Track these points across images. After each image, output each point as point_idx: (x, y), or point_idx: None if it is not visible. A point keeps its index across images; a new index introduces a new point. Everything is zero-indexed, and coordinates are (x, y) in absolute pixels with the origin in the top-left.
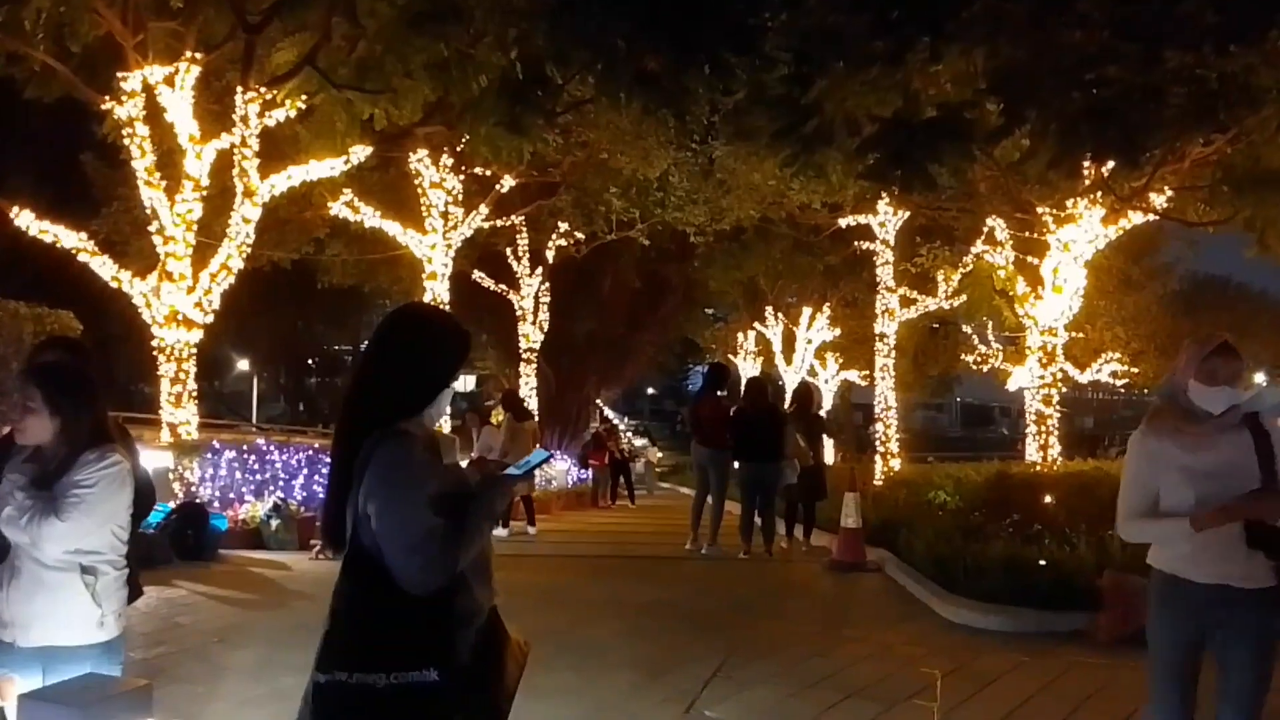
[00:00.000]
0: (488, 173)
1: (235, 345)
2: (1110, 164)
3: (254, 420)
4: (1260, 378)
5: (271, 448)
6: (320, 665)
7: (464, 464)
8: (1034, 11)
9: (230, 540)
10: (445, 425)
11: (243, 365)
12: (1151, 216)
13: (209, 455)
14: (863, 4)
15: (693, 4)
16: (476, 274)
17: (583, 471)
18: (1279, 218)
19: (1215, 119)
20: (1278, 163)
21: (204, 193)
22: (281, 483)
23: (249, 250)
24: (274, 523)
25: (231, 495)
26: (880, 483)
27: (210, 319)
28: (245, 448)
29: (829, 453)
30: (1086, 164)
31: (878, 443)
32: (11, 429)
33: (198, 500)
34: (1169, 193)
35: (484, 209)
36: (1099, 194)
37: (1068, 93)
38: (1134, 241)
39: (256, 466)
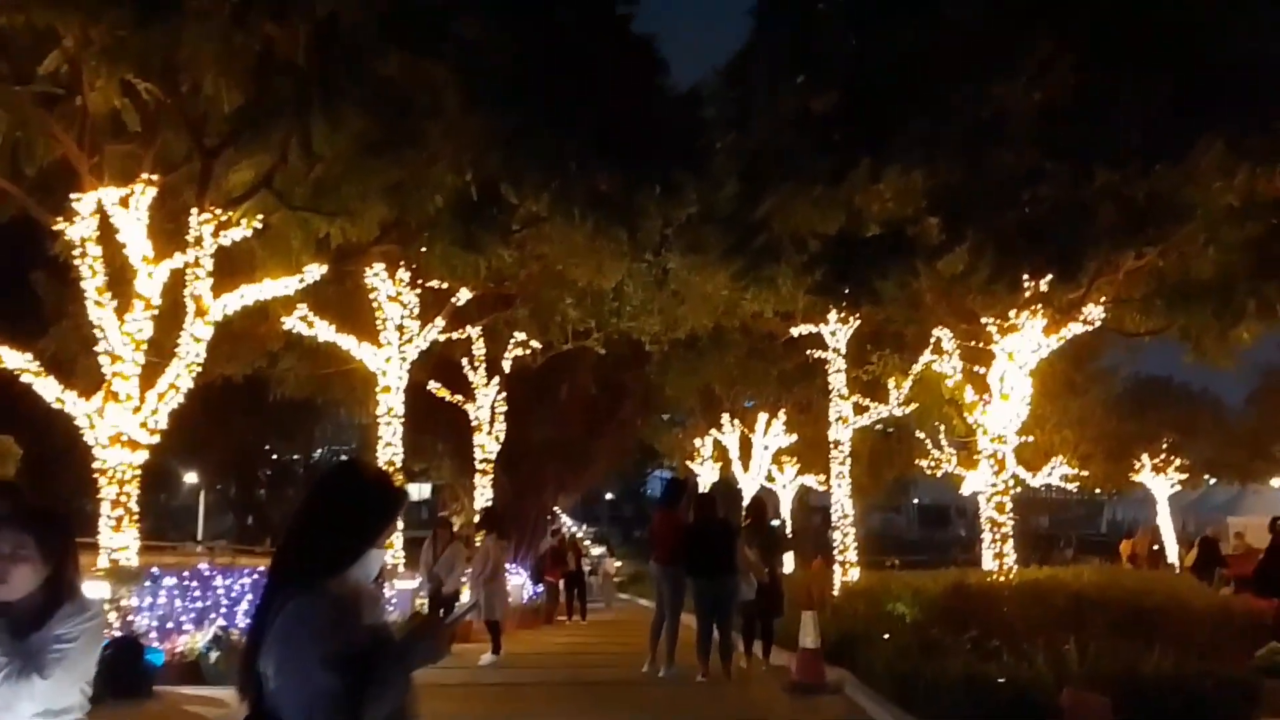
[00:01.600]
0: (444, 286)
1: (183, 459)
2: (1048, 277)
3: (199, 537)
4: (1207, 478)
5: (214, 572)
6: None
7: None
8: (967, 134)
9: (167, 674)
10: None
11: (191, 479)
12: (1089, 327)
13: (147, 583)
14: (806, 126)
15: (643, 128)
16: (432, 384)
17: (537, 587)
18: (1211, 327)
19: (1144, 234)
20: (1206, 275)
21: (155, 312)
22: (224, 610)
23: (199, 369)
24: (214, 655)
25: (170, 625)
26: (839, 594)
27: (156, 439)
28: (186, 573)
29: (789, 562)
30: (1026, 277)
31: (836, 552)
32: None
33: (133, 633)
34: (1105, 303)
35: (440, 322)
36: (1039, 305)
37: (1003, 210)
38: (1077, 348)
39: (198, 593)
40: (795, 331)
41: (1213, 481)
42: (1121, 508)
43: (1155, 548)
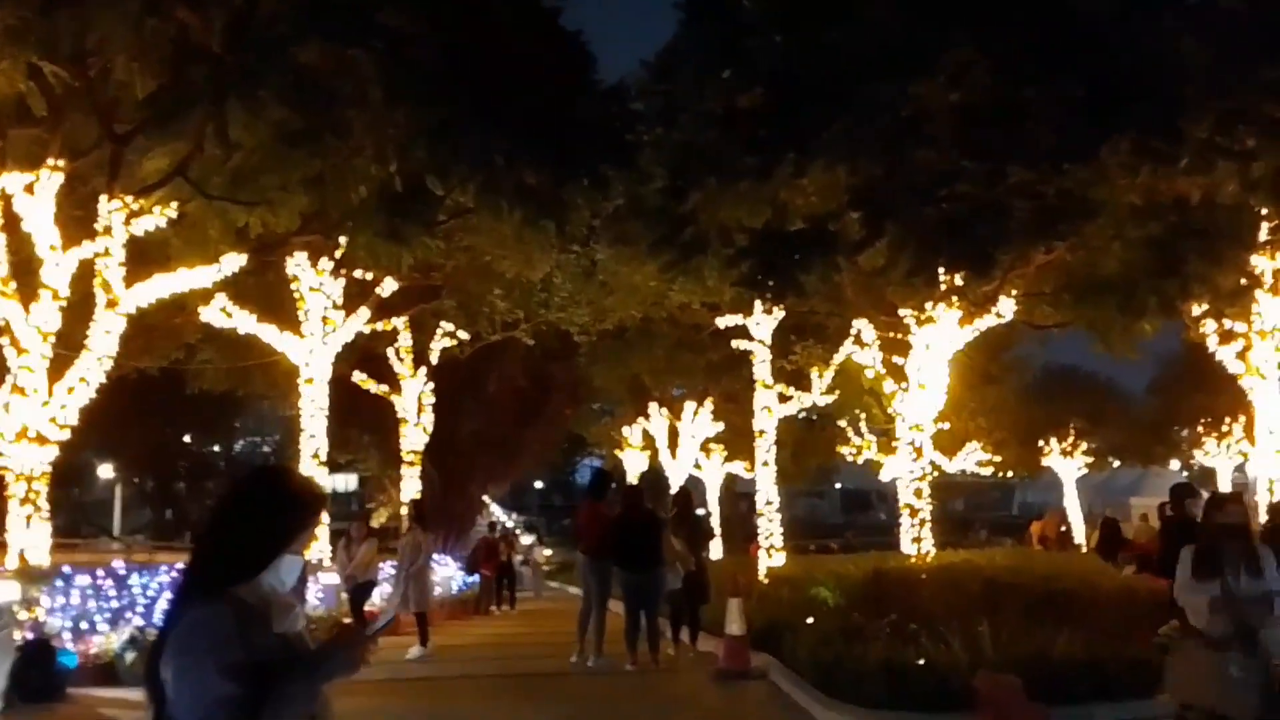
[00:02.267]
0: (369, 276)
1: (98, 453)
2: (964, 272)
3: (116, 532)
4: (1113, 461)
5: (130, 570)
6: None
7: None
8: (888, 133)
9: (81, 677)
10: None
11: (106, 472)
12: (1002, 320)
13: (59, 583)
14: (732, 122)
15: (570, 121)
16: (357, 376)
17: (469, 578)
18: (1114, 321)
19: (1055, 230)
20: (1110, 271)
21: (63, 302)
22: (141, 609)
23: (111, 362)
24: (130, 655)
25: (84, 626)
26: (764, 579)
27: (66, 435)
28: (100, 572)
29: (716, 549)
30: (942, 272)
31: (761, 538)
32: None
33: (45, 634)
34: (1017, 296)
35: (365, 312)
36: (954, 298)
37: (922, 207)
38: (991, 339)
39: (113, 592)
40: (721, 323)
41: (1117, 465)
42: (1031, 491)
43: (1063, 529)
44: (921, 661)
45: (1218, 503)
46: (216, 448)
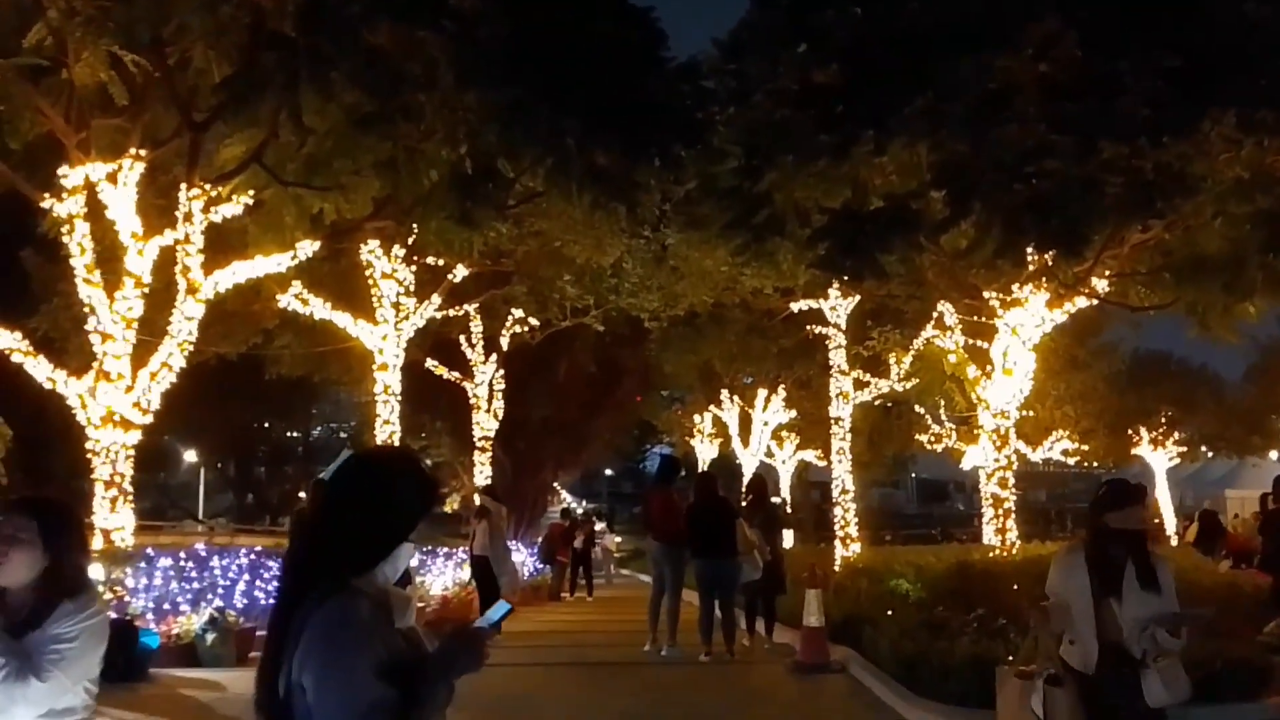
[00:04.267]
0: (440, 263)
1: (182, 438)
2: (1053, 252)
3: (200, 515)
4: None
5: (211, 552)
6: None
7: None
8: (972, 108)
9: (163, 658)
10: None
11: (190, 457)
12: (1094, 301)
13: (143, 564)
14: (808, 100)
15: (641, 101)
16: (430, 362)
17: (539, 564)
18: (1217, 301)
19: (1152, 207)
20: (1213, 248)
21: (146, 289)
22: (221, 591)
23: (192, 347)
24: (210, 636)
25: (166, 606)
26: (839, 569)
27: (149, 419)
28: (182, 554)
29: (788, 538)
30: (1030, 251)
31: (837, 527)
32: None
33: (128, 615)
34: (1110, 277)
35: (436, 299)
36: (1043, 279)
37: (1009, 185)
38: (1079, 323)
39: (194, 574)
40: (795, 307)
41: (1210, 455)
42: None
43: (1155, 521)
44: (1011, 658)
45: (1113, 498)
46: (294, 433)
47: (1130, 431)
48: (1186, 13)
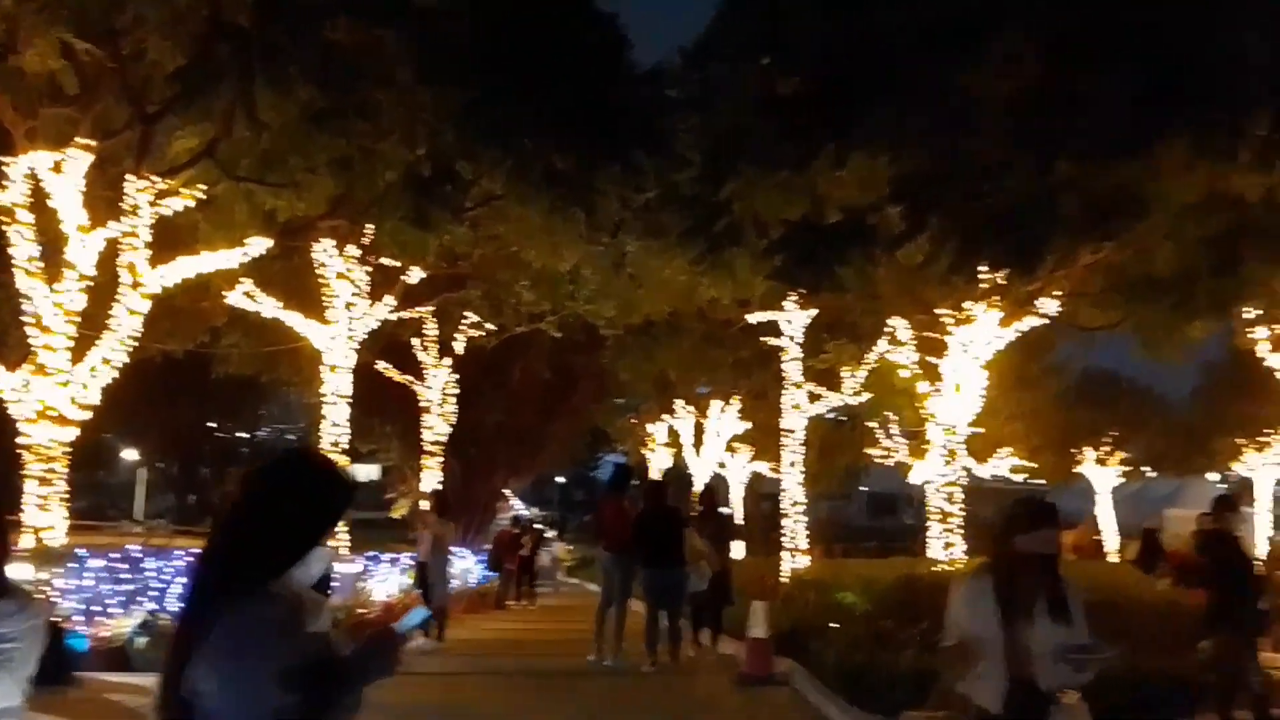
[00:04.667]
0: (395, 264)
1: (123, 436)
2: (1007, 270)
3: (140, 515)
4: (1148, 471)
5: (145, 554)
6: None
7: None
8: (934, 122)
9: (92, 661)
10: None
11: (131, 456)
12: (1045, 320)
13: (73, 564)
14: (771, 110)
15: (603, 106)
16: (381, 364)
17: (489, 571)
18: (1163, 322)
19: (1105, 227)
20: (1164, 270)
21: (88, 282)
22: (155, 594)
23: (136, 343)
24: (141, 640)
25: (97, 609)
26: (788, 580)
27: (87, 415)
28: (115, 555)
29: (738, 548)
30: (984, 269)
31: (785, 539)
32: None
33: (55, 617)
34: (1062, 296)
35: (390, 300)
36: (996, 297)
37: (967, 201)
38: (1030, 341)
39: (127, 575)
40: (752, 319)
41: (1153, 475)
42: (1065, 499)
43: (1095, 539)
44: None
45: (1025, 519)
46: (241, 434)
47: (1075, 449)
48: (1144, 38)
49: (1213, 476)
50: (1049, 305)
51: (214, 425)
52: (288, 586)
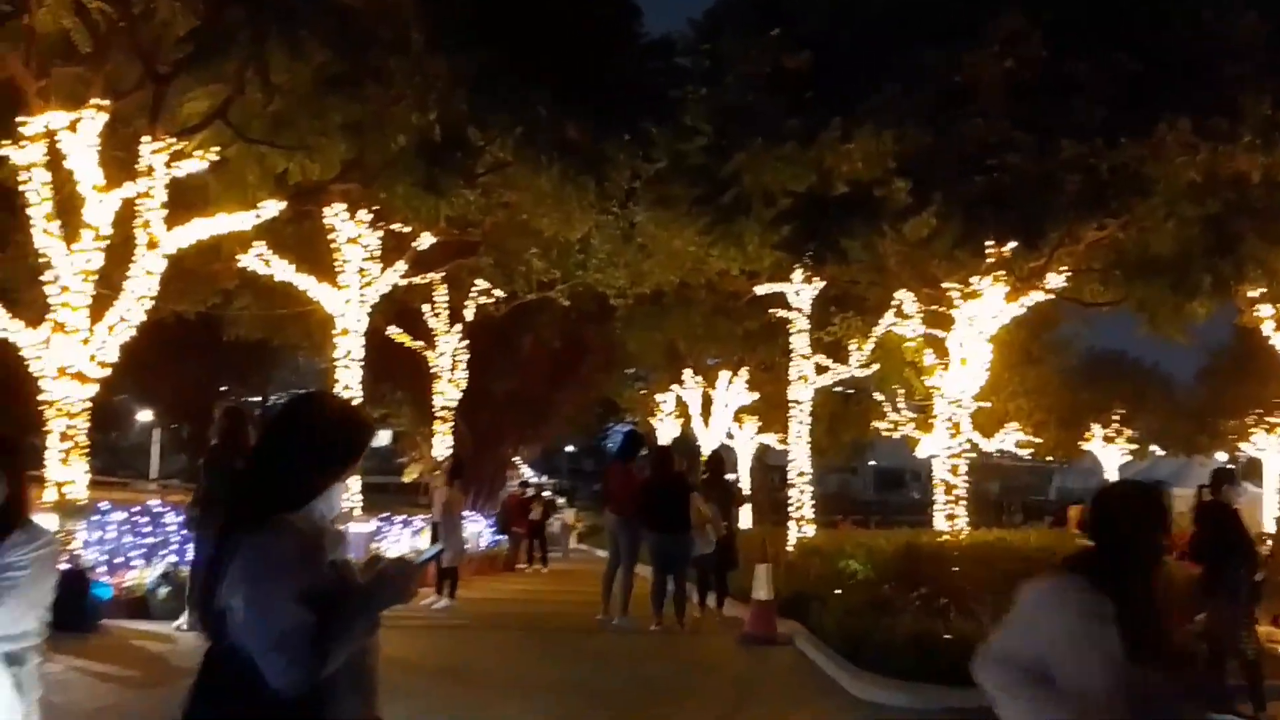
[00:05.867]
0: (406, 229)
1: (137, 398)
2: (1011, 244)
3: (151, 476)
4: (1155, 448)
5: (165, 508)
6: None
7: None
8: (938, 100)
9: (114, 609)
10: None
11: (144, 417)
12: (1049, 295)
13: (96, 517)
14: (779, 84)
15: (613, 75)
16: (392, 330)
17: (498, 535)
18: (1166, 301)
19: (1107, 206)
20: (1165, 249)
21: (105, 242)
22: (174, 547)
23: (151, 303)
24: (162, 591)
25: (118, 560)
26: (793, 549)
27: (106, 373)
28: (136, 509)
29: (745, 517)
30: (989, 243)
31: (792, 509)
32: None
33: (80, 566)
34: (1066, 273)
35: (402, 265)
36: (1001, 272)
37: (970, 177)
38: (1035, 317)
39: (148, 529)
40: (760, 290)
41: (1160, 454)
42: (1070, 476)
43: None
44: (949, 636)
45: (1155, 513)
46: (252, 398)
47: (1082, 426)
48: (1147, 19)
49: (1221, 456)
50: (1053, 281)
51: (225, 389)
52: (308, 519)
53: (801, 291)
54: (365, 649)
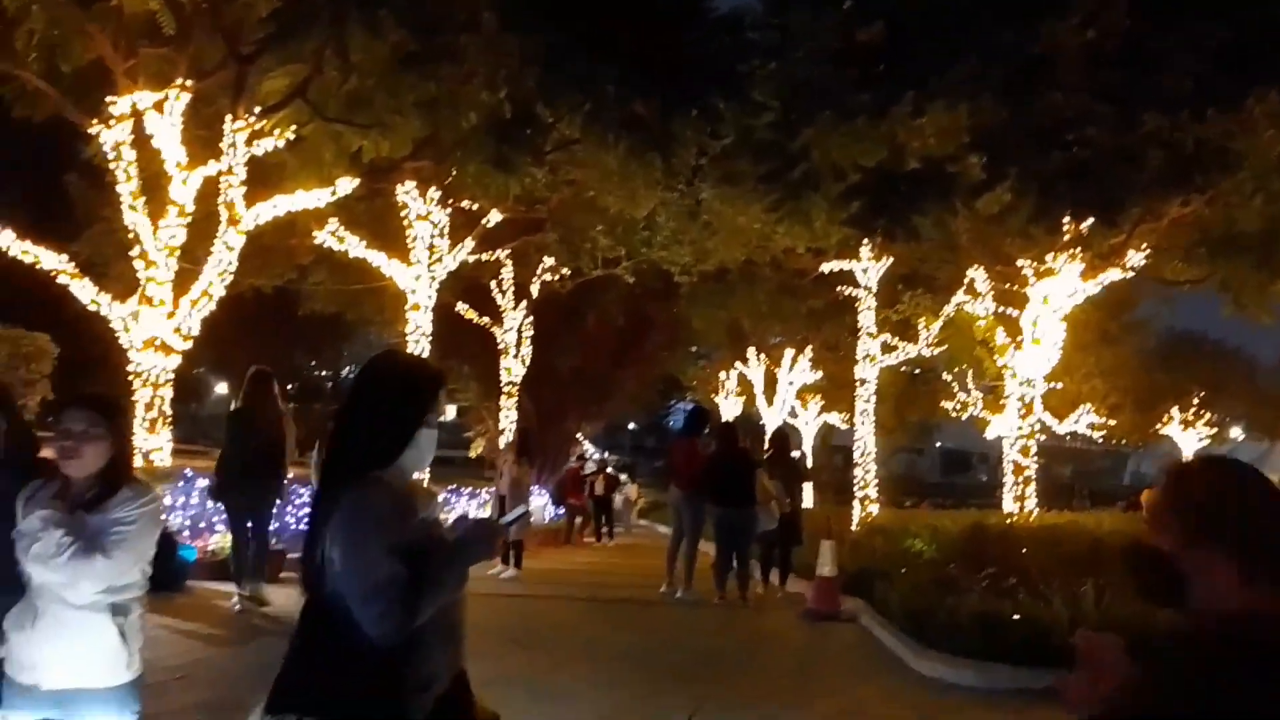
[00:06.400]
0: (475, 206)
1: (215, 369)
2: (1089, 221)
3: None
4: (1236, 432)
5: None
6: (270, 707)
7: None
8: (1015, 73)
9: (198, 571)
10: None
11: (222, 389)
12: (1129, 274)
13: (180, 483)
14: (850, 57)
15: (681, 51)
16: (460, 306)
17: (558, 509)
18: (1252, 280)
19: (1191, 182)
20: (1252, 226)
21: (188, 219)
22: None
23: (231, 277)
24: None
25: (202, 525)
26: (857, 529)
27: (189, 345)
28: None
29: (808, 496)
30: (1066, 220)
31: (856, 488)
32: (58, 459)
33: (167, 529)
34: (1146, 250)
35: (470, 242)
36: (1078, 250)
37: (1047, 151)
38: (1112, 297)
39: None
40: (826, 268)
41: (1241, 438)
42: (1146, 461)
43: None
44: (1017, 616)
45: None
46: (324, 372)
47: (1159, 410)
48: None
49: None
50: (1133, 259)
51: (298, 362)
52: (400, 476)
53: (869, 269)
54: (454, 603)
